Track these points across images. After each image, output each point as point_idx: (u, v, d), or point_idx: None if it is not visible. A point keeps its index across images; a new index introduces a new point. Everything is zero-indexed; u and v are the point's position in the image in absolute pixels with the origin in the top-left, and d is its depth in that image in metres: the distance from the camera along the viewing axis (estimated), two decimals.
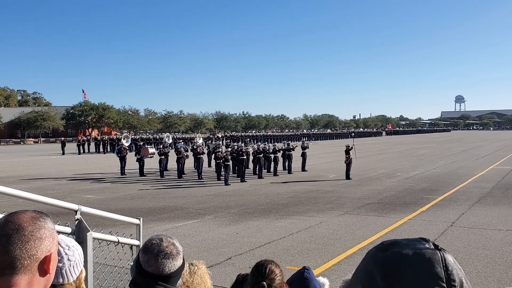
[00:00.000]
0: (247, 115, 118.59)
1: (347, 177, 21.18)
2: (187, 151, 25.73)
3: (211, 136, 68.54)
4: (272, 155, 23.89)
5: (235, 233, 10.76)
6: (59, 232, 2.65)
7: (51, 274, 1.28)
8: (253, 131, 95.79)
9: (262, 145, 24.58)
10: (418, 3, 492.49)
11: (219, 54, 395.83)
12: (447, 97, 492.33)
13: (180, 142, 36.32)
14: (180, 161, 23.28)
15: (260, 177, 22.34)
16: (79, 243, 2.40)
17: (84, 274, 2.15)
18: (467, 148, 48.61)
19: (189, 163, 25.36)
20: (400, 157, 36.17)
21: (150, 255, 1.89)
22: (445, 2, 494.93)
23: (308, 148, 26.42)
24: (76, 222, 2.94)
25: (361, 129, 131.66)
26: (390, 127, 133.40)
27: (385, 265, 0.82)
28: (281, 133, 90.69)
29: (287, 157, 24.72)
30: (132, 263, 2.28)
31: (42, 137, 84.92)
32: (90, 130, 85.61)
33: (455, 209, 13.34)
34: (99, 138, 53.37)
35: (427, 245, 0.84)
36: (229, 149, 23.11)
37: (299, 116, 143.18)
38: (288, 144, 25.72)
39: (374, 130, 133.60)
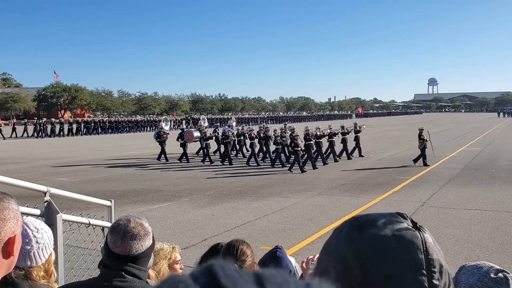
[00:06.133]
0: (223, 97, 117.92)
1: (425, 163, 18.87)
2: (240, 135, 23.33)
3: (188, 118, 67.96)
4: (327, 140, 21.18)
5: (211, 214, 10.79)
6: (27, 215, 2.61)
7: (15, 256, 1.26)
8: (230, 114, 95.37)
9: (311, 129, 20.25)
10: None
11: (194, 35, 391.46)
12: (421, 79, 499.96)
13: (228, 126, 32.21)
14: (228, 145, 21.42)
15: (315, 167, 18.73)
16: (48, 225, 2.36)
17: (53, 257, 2.12)
18: (439, 130, 49.55)
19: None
20: (373, 139, 36.64)
21: (117, 236, 1.87)
22: None
23: (361, 132, 23.75)
24: (45, 204, 2.89)
25: (335, 112, 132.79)
26: (361, 110, 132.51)
27: (361, 249, 0.75)
28: (258, 116, 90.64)
29: (342, 141, 21.97)
30: (103, 245, 2.26)
31: (14, 119, 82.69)
32: (62, 112, 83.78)
33: (426, 190, 13.65)
34: (41, 121, 44.71)
35: (405, 224, 0.78)
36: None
37: (276, 98, 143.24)
38: (343, 127, 22.72)
39: (349, 112, 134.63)
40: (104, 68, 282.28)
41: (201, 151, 23.02)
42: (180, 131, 23.98)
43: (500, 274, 1.40)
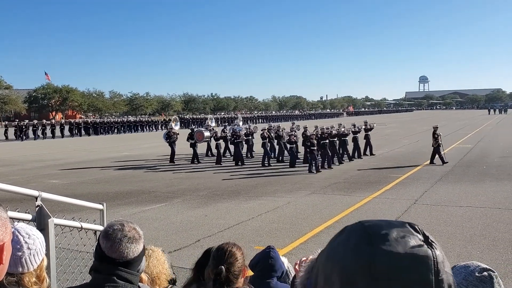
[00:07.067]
0: (215, 97, 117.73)
1: (442, 161, 18.75)
2: (249, 135, 22.76)
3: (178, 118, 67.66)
4: (337, 140, 20.25)
5: (204, 215, 10.78)
6: (19, 220, 2.60)
7: (5, 265, 1.26)
8: (222, 113, 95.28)
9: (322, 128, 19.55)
10: None
11: (186, 35, 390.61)
12: (412, 77, 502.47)
13: (237, 125, 28.63)
14: (239, 145, 20.75)
15: (330, 167, 18.45)
16: (40, 230, 2.36)
17: (45, 262, 2.11)
18: (430, 127, 49.75)
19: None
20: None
21: (114, 240, 1.88)
22: None
23: (371, 130, 23.67)
24: (37, 208, 2.89)
25: (327, 110, 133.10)
26: (351, 109, 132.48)
27: (370, 264, 0.72)
28: (251, 115, 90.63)
29: (353, 140, 21.77)
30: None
31: (3, 121, 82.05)
32: (54, 113, 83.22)
33: (418, 187, 13.74)
34: (22, 123, 43.57)
35: (418, 239, 0.76)
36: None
37: (268, 97, 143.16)
38: (354, 126, 22.49)
39: (340, 111, 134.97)
40: (96, 69, 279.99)
41: (209, 151, 22.62)
42: (190, 131, 23.14)
43: (484, 273, 1.43)
